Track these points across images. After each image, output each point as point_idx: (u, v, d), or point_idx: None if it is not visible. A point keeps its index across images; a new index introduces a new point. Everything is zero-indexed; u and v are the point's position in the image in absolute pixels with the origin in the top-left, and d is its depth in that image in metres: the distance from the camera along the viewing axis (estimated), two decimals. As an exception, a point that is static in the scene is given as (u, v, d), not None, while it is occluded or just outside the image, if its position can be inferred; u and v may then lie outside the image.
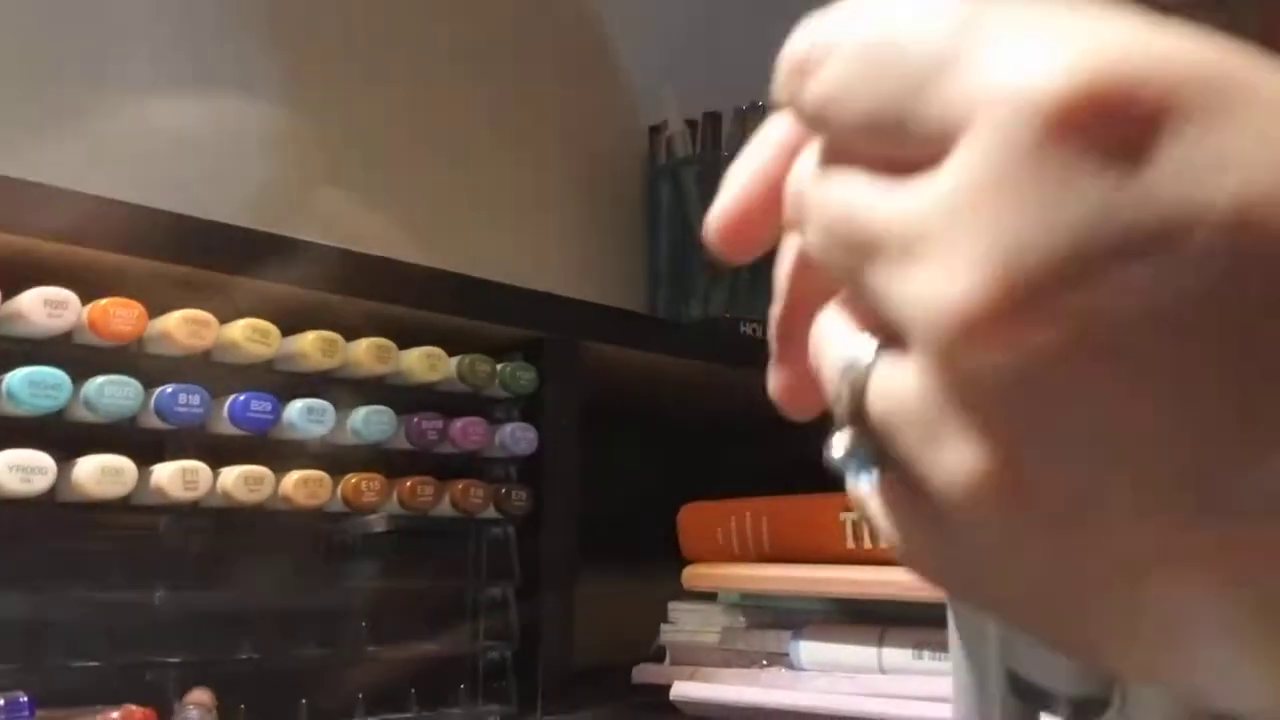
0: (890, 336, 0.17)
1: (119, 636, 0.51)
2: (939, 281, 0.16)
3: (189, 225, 0.55)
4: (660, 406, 0.90)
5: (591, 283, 1.03)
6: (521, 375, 0.66)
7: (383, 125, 0.94)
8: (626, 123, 1.11)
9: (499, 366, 0.65)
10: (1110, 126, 0.15)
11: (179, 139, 0.79)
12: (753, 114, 1.06)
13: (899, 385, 0.17)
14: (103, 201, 0.52)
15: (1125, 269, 0.15)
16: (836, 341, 0.19)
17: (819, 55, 0.18)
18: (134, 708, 0.47)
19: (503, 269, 0.73)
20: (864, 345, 0.18)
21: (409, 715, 0.60)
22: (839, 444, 0.18)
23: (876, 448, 0.18)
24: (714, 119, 1.07)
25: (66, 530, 0.52)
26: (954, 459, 0.16)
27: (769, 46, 0.23)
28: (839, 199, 0.18)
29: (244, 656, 0.55)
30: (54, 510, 0.50)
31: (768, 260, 0.23)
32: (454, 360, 0.63)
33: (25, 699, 0.44)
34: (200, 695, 0.51)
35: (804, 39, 0.19)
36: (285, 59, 0.89)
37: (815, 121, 0.19)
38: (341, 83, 0.92)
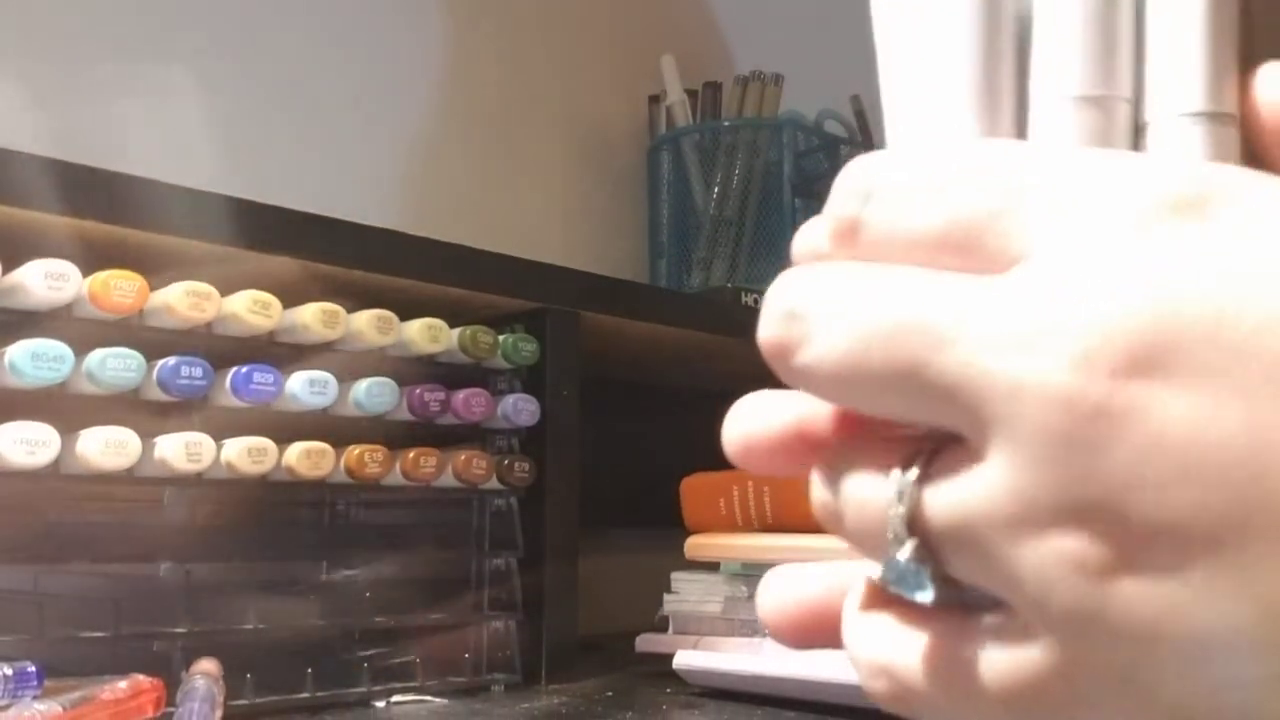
0: (938, 446, 0.18)
1: (125, 607, 0.52)
2: (1045, 362, 0.16)
3: (188, 198, 0.55)
4: (662, 377, 0.90)
5: (592, 253, 1.03)
6: (523, 346, 0.66)
7: (382, 97, 0.93)
8: (626, 93, 1.10)
9: (501, 338, 0.65)
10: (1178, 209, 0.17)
11: (155, 108, 0.79)
12: (752, 83, 1.05)
13: (977, 485, 0.17)
14: (101, 173, 0.52)
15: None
16: (870, 464, 0.19)
17: (883, 181, 0.19)
18: (141, 677, 0.47)
19: (504, 240, 0.73)
20: (908, 461, 0.18)
21: (414, 685, 0.60)
22: (896, 563, 0.18)
23: (938, 567, 0.18)
24: (714, 88, 1.07)
25: (71, 502, 0.53)
26: (1053, 553, 0.16)
27: (768, 16, 0.22)
28: (891, 294, 0.18)
29: (250, 627, 0.55)
30: (58, 482, 0.50)
31: (769, 231, 0.23)
32: (456, 332, 0.63)
33: (33, 669, 0.44)
34: (207, 665, 0.51)
35: (863, 169, 0.20)
36: (274, 34, 0.88)
37: (879, 238, 0.19)
38: (336, 55, 0.91)
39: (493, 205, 0.99)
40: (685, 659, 0.64)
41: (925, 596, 0.18)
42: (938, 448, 0.18)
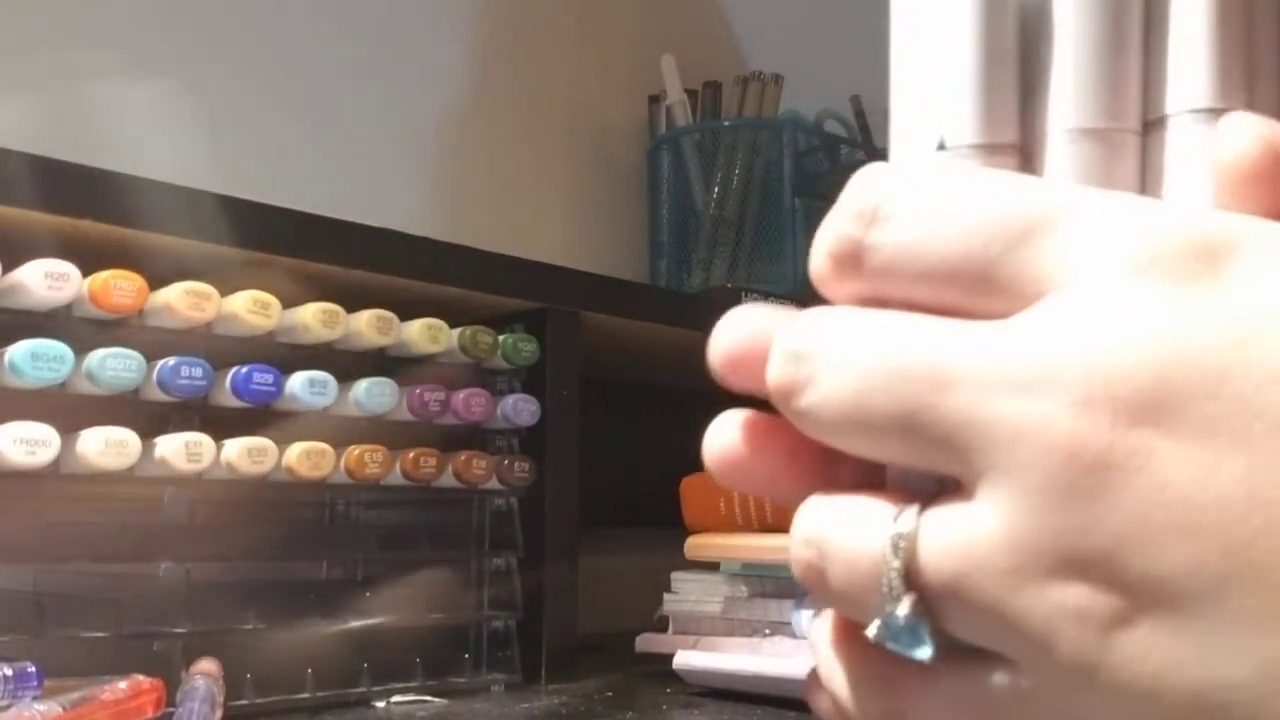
0: (928, 498, 0.18)
1: (125, 607, 0.52)
2: (1047, 408, 0.16)
3: (191, 198, 0.55)
4: (662, 377, 0.90)
5: (592, 253, 1.03)
6: (523, 346, 0.66)
7: (381, 98, 0.93)
8: (626, 93, 1.10)
9: (501, 338, 0.65)
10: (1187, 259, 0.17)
11: (161, 109, 0.79)
12: (753, 83, 1.05)
13: (977, 533, 0.17)
14: (101, 173, 0.52)
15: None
16: (861, 516, 0.18)
17: (890, 206, 0.19)
18: (141, 678, 0.47)
19: (504, 240, 0.73)
20: (902, 512, 0.18)
21: (414, 685, 0.60)
22: (893, 619, 0.18)
23: (935, 619, 0.18)
24: (714, 88, 1.07)
25: (71, 502, 0.53)
26: (1054, 604, 0.16)
27: (768, 16, 0.22)
28: (895, 339, 0.18)
29: (250, 627, 0.55)
30: (58, 482, 0.50)
31: (769, 231, 0.23)
32: (455, 332, 0.63)
33: (33, 669, 0.44)
34: (207, 665, 0.51)
35: (870, 188, 0.19)
36: (280, 35, 0.88)
37: (884, 267, 0.19)
38: (338, 56, 0.91)
39: (493, 205, 0.99)
40: (685, 659, 0.64)
41: (925, 653, 0.18)
42: (928, 499, 0.18)
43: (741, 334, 0.21)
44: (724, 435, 0.21)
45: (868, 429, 0.18)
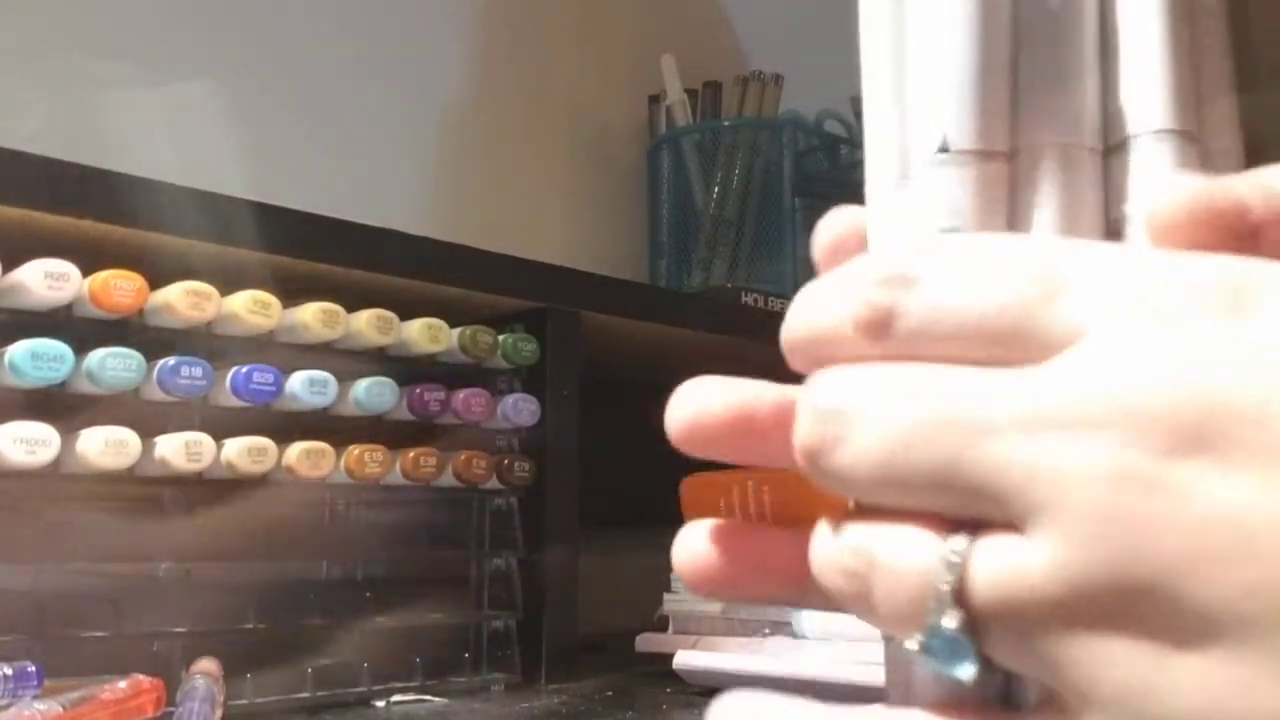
0: (980, 522, 0.18)
1: (125, 607, 0.52)
2: (1093, 444, 0.16)
3: (192, 198, 0.55)
4: (662, 376, 0.90)
5: (592, 253, 1.03)
6: (523, 346, 0.66)
7: (381, 98, 0.93)
8: (626, 93, 1.10)
9: (501, 337, 0.65)
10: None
11: (164, 110, 0.79)
12: (753, 83, 1.05)
13: (1029, 564, 0.17)
14: (101, 173, 0.52)
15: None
16: (911, 537, 0.18)
17: (920, 271, 0.19)
18: (141, 677, 0.47)
19: (504, 239, 0.73)
20: (953, 535, 0.18)
21: (414, 684, 0.60)
22: (939, 630, 0.18)
23: (979, 641, 0.18)
24: (714, 88, 1.07)
25: (71, 502, 0.53)
26: (1103, 635, 0.16)
27: (768, 16, 0.22)
28: (929, 390, 0.18)
29: (249, 626, 0.55)
30: (58, 482, 0.50)
31: (769, 231, 0.23)
32: (456, 331, 0.63)
33: (33, 669, 0.44)
34: (207, 665, 0.51)
35: (893, 257, 0.19)
36: (280, 35, 0.88)
37: (917, 328, 0.19)
38: (338, 56, 0.91)
39: (493, 205, 0.99)
40: (685, 659, 0.64)
41: (967, 671, 0.18)
42: (976, 528, 0.18)
43: (703, 404, 0.21)
44: (693, 546, 0.22)
45: (906, 481, 0.18)
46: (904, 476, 0.18)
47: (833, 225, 0.22)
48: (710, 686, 0.63)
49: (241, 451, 0.54)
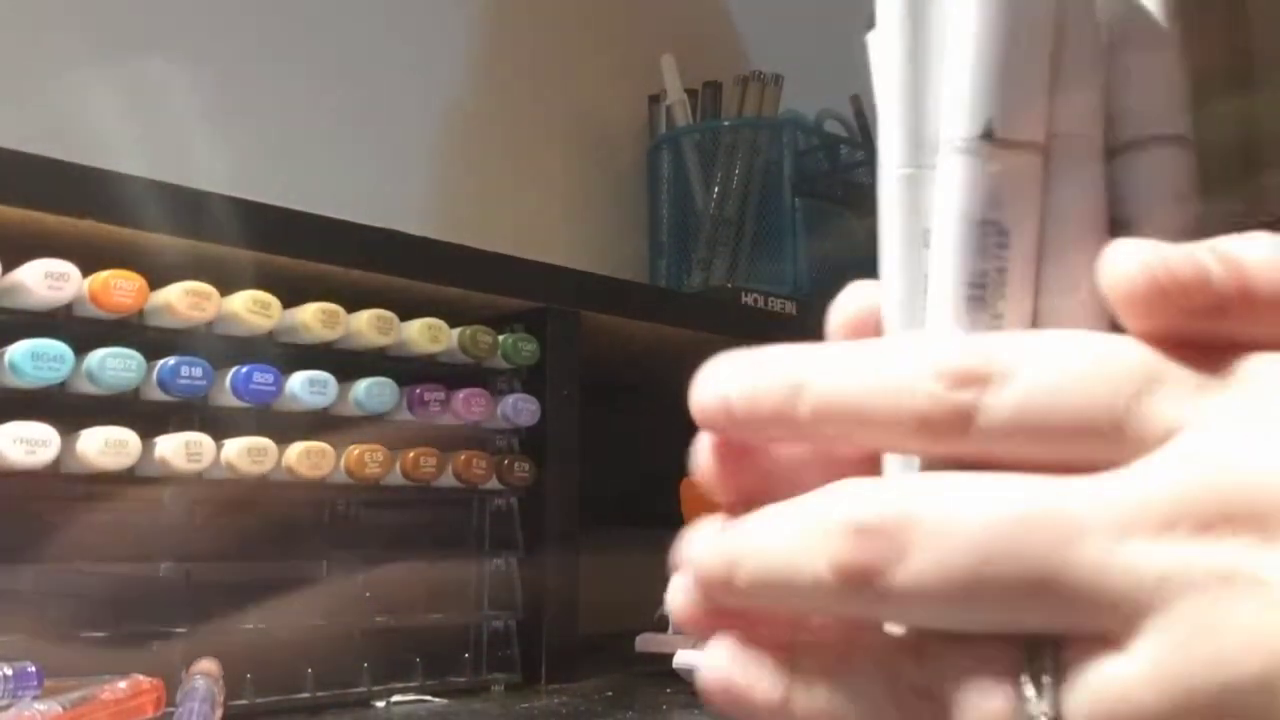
0: (1058, 642, 0.17)
1: (125, 607, 0.52)
2: (1193, 541, 0.16)
3: (192, 198, 0.55)
4: (662, 376, 0.90)
5: (592, 253, 1.03)
6: (523, 346, 0.66)
7: (381, 98, 0.93)
8: (626, 93, 1.10)
9: (501, 337, 0.65)
10: None
11: (163, 109, 0.79)
12: (753, 83, 1.05)
13: (1131, 679, 0.16)
14: (101, 173, 0.52)
15: None
16: (986, 667, 0.17)
17: (1010, 365, 0.18)
18: (141, 677, 0.47)
19: (503, 239, 0.73)
20: (1033, 655, 0.17)
21: (414, 685, 0.60)
22: None
23: None
24: (714, 88, 1.07)
25: (71, 502, 0.53)
26: None
27: (768, 16, 0.22)
28: (1007, 495, 0.17)
29: (250, 627, 0.55)
30: (58, 482, 0.50)
31: (769, 231, 0.23)
32: (455, 331, 0.63)
33: (33, 669, 0.44)
34: (207, 665, 0.51)
35: (972, 353, 0.18)
36: (279, 35, 0.88)
37: (1004, 425, 0.17)
38: (338, 56, 0.91)
39: (493, 205, 0.99)
40: (685, 659, 0.63)
41: None
42: (1059, 643, 0.17)
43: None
44: (720, 668, 0.21)
45: (984, 598, 0.17)
46: (988, 588, 0.16)
47: (847, 305, 0.21)
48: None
49: (241, 451, 0.54)
